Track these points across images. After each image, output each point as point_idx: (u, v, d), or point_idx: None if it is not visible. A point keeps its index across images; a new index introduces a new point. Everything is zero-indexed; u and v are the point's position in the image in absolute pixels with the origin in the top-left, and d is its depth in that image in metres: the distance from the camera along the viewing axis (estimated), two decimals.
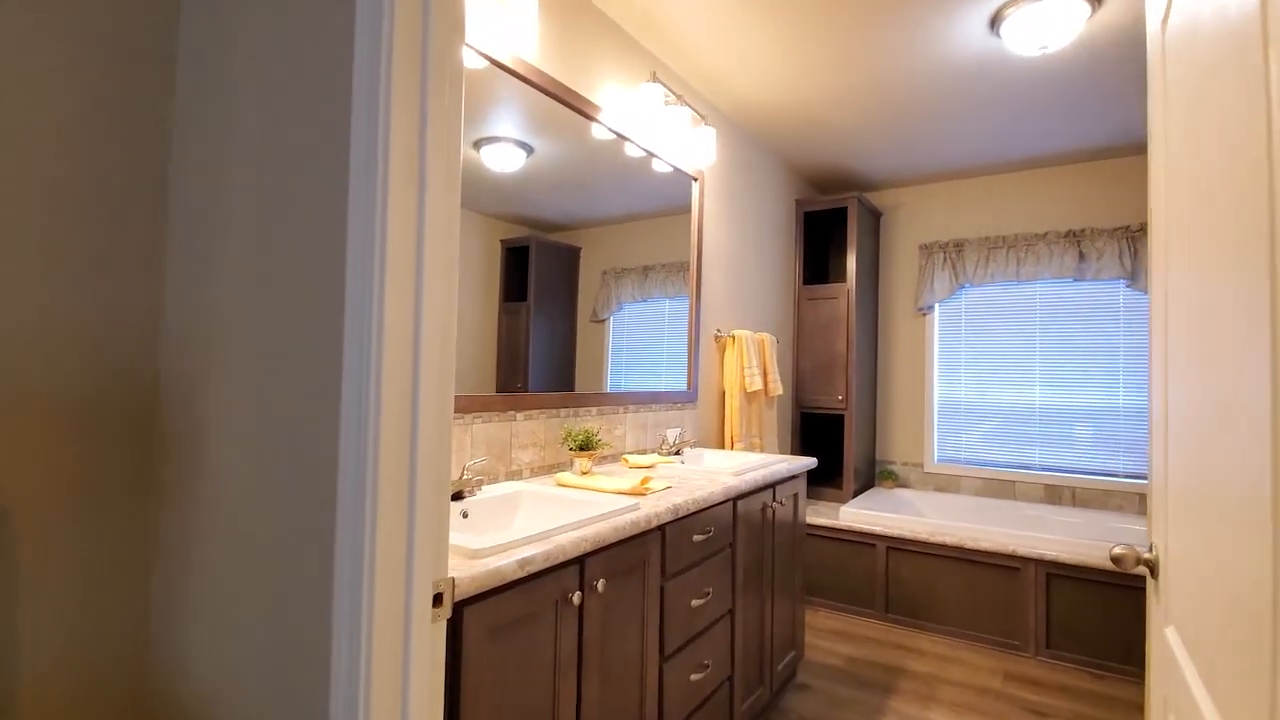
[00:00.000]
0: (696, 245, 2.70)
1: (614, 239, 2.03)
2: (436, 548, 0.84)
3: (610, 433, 2.22)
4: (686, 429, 2.66)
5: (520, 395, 1.83)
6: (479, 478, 1.49)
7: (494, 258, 1.61)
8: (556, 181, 1.91)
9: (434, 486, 0.83)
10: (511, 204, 1.66)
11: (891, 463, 3.95)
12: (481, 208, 1.63)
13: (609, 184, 2.17)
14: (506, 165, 1.74)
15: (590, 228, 1.91)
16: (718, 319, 2.94)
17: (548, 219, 1.79)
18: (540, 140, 1.87)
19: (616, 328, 2.11)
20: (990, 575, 2.79)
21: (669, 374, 2.55)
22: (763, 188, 3.35)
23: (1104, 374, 3.39)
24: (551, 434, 1.96)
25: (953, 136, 3.18)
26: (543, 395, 1.91)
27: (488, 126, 1.71)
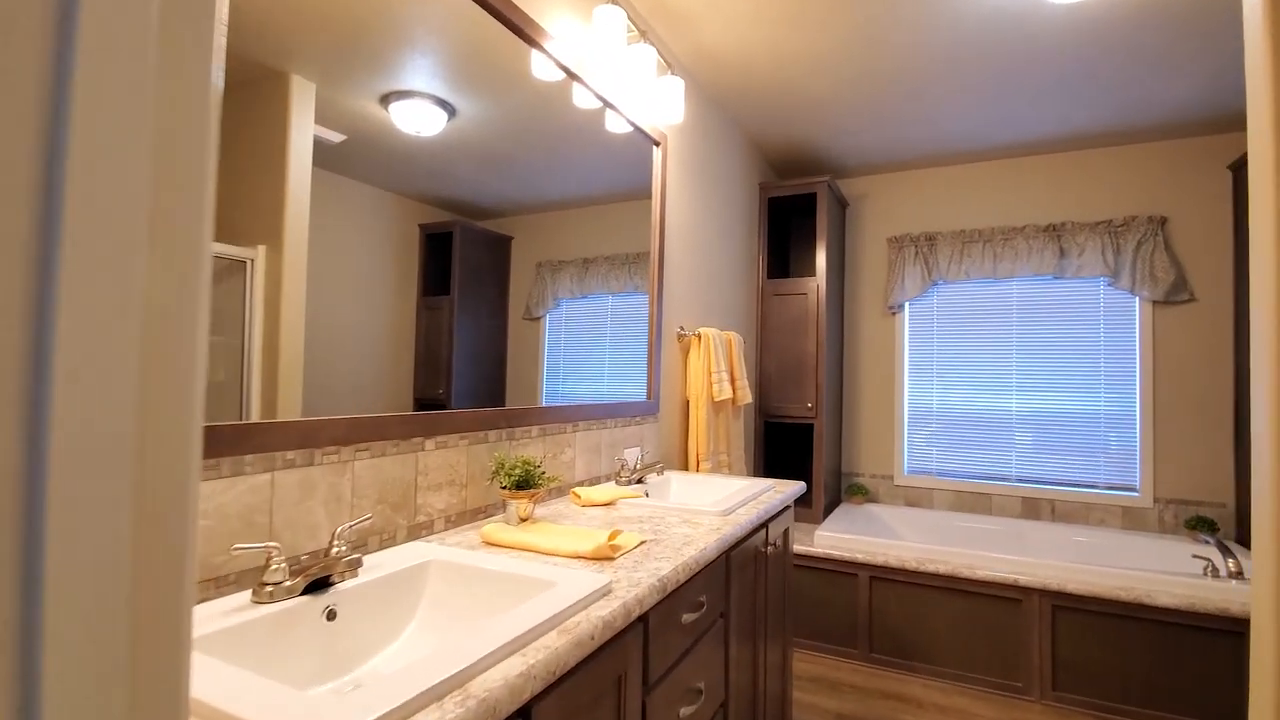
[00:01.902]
0: (659, 223, 2.22)
1: (550, 228, 1.66)
2: None
3: (556, 459, 1.70)
4: (648, 448, 2.18)
5: (433, 416, 1.29)
6: (353, 554, 0.94)
7: (411, 244, 1.25)
8: (485, 152, 1.45)
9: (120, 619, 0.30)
10: (432, 182, 1.30)
11: (859, 475, 3.62)
12: (396, 184, 1.23)
13: (548, 154, 1.68)
14: (423, 127, 1.29)
15: (523, 214, 1.57)
16: (680, 315, 2.47)
17: (475, 203, 1.41)
18: (465, 97, 1.40)
19: (553, 327, 1.71)
20: (988, 608, 2.45)
21: (612, 380, 2.05)
22: (726, 165, 2.91)
23: (1085, 378, 3.16)
24: (477, 466, 1.42)
25: (932, 117, 2.85)
26: (465, 414, 1.38)
27: (398, 74, 1.23)
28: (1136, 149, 3.07)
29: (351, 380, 1.14)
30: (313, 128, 1.03)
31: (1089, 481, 3.14)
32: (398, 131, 1.23)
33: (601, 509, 1.57)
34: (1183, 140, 3.00)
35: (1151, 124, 2.85)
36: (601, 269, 1.98)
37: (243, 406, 0.96)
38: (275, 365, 1.00)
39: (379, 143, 1.18)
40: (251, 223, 0.95)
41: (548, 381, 1.70)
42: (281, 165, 0.99)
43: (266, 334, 0.98)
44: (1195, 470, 2.94)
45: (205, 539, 0.90)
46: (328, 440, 1.07)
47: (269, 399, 0.99)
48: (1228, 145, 2.92)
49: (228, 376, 0.94)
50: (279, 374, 1.00)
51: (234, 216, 0.93)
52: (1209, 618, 2.12)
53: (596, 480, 1.88)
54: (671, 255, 2.38)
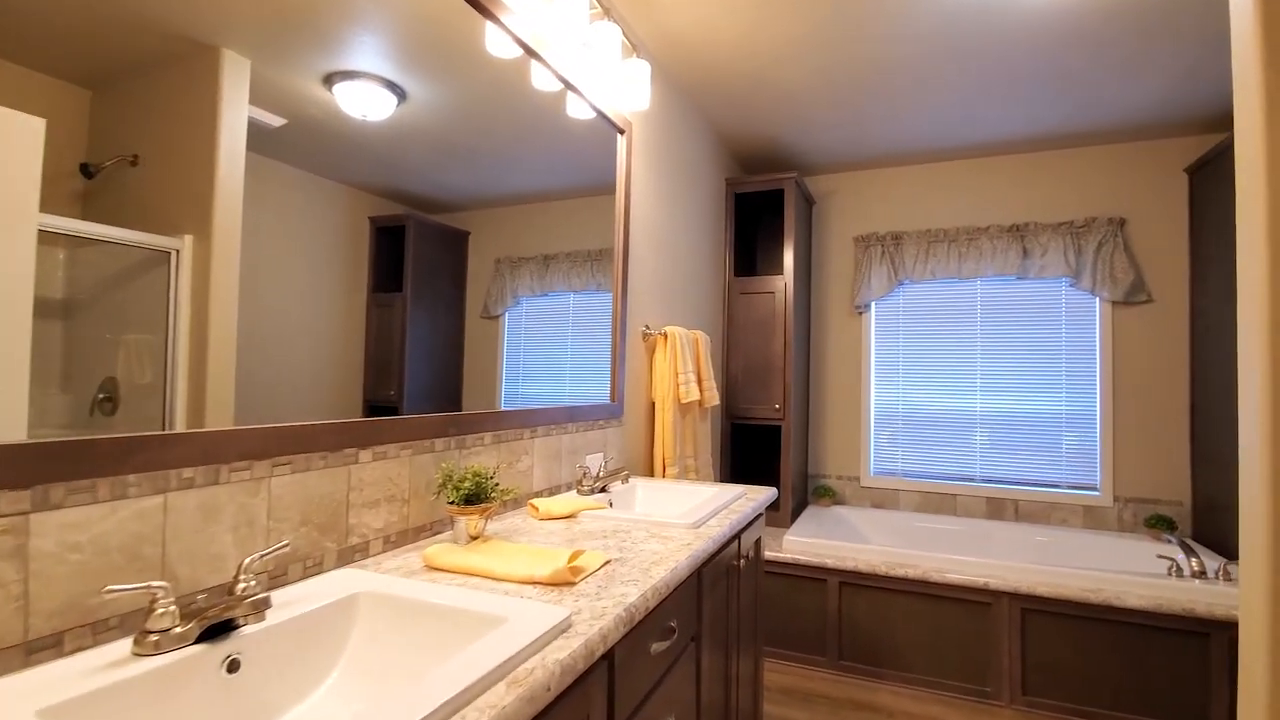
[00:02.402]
0: (623, 215, 2.10)
1: (509, 222, 1.58)
2: None
3: (511, 468, 1.56)
4: (611, 453, 2.05)
5: (370, 424, 1.15)
6: (263, 591, 0.79)
7: (361, 238, 1.16)
8: (439, 140, 1.34)
9: None
10: (383, 172, 1.20)
11: (826, 477, 3.57)
12: (344, 174, 1.13)
13: (506, 142, 1.55)
14: (370, 111, 1.18)
15: (482, 209, 1.47)
16: (646, 312, 2.36)
17: (430, 195, 1.31)
18: (416, 79, 1.28)
19: (512, 326, 1.60)
20: (958, 612, 2.41)
21: (574, 381, 1.94)
22: (693, 158, 2.81)
23: (1047, 378, 3.17)
24: (421, 479, 1.27)
25: (901, 114, 2.81)
26: (407, 421, 1.23)
27: (342, 51, 1.12)
28: (1098, 150, 3.10)
29: (295, 383, 1.03)
30: (247, 108, 0.94)
31: (1051, 481, 3.15)
32: (343, 115, 1.11)
33: (562, 522, 1.44)
34: (1142, 143, 3.03)
35: (1114, 125, 2.87)
36: (563, 266, 1.88)
37: (166, 414, 0.85)
38: (204, 367, 0.89)
39: (324, 128, 1.07)
40: (177, 211, 0.86)
41: (507, 382, 1.59)
42: (211, 148, 0.90)
43: (194, 332, 0.88)
44: (1153, 469, 2.97)
45: (78, 576, 0.74)
46: (237, 454, 0.92)
47: (196, 405, 0.88)
48: (1185, 148, 2.97)
49: (154, 379, 0.84)
50: (207, 377, 0.90)
51: (158, 203, 0.84)
52: (1175, 618, 2.11)
53: (557, 489, 1.75)
54: (636, 250, 2.26)
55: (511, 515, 1.51)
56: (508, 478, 1.54)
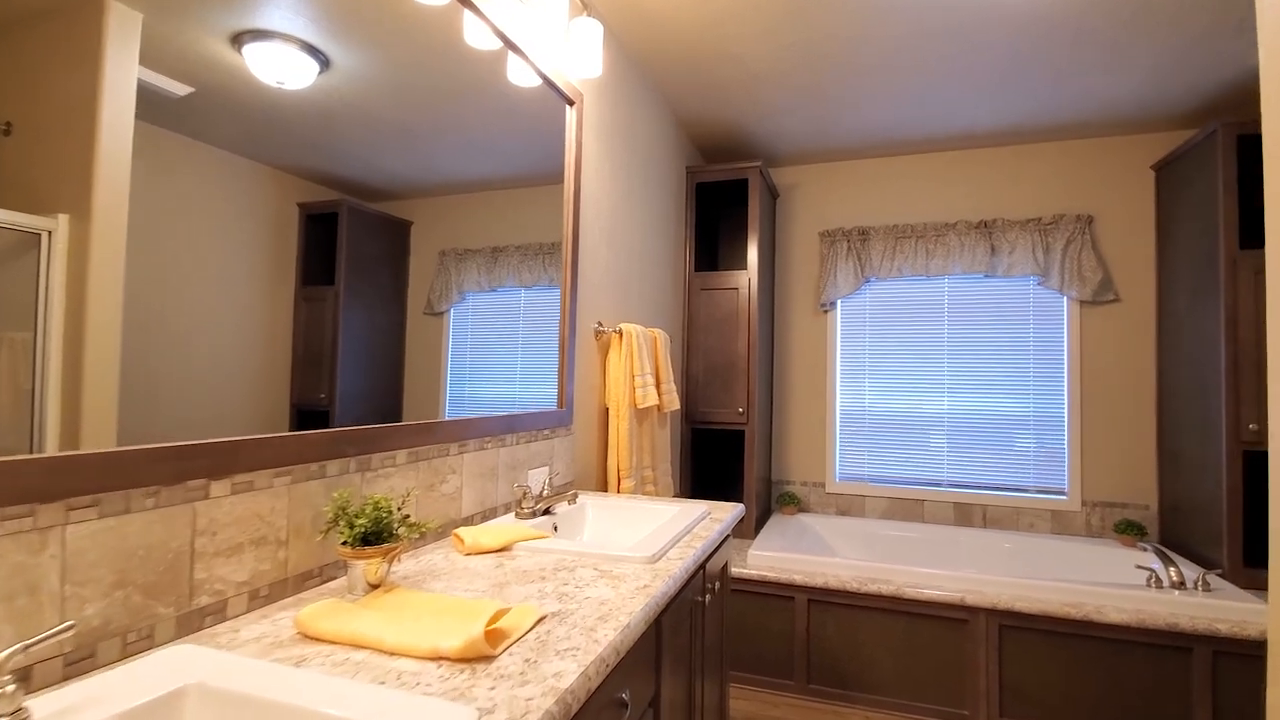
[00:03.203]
0: (572, 198, 1.86)
1: (455, 212, 1.44)
2: None
3: (433, 491, 1.30)
4: (559, 467, 1.81)
5: (228, 447, 0.88)
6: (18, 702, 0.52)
7: (288, 225, 1.04)
8: (370, 116, 1.18)
9: None
10: (314, 154, 1.07)
11: (790, 483, 3.40)
12: (267, 154, 0.99)
13: (445, 118, 1.37)
14: (287, 77, 1.02)
15: (424, 197, 1.34)
16: (598, 308, 2.12)
17: (368, 181, 1.19)
18: (339, 44, 1.12)
19: (458, 323, 1.45)
20: (932, 629, 2.26)
21: (524, 383, 1.74)
22: (650, 142, 2.59)
23: (1015, 380, 3.08)
24: (307, 513, 1.01)
25: (868, 101, 2.66)
26: (282, 440, 0.97)
27: (253, 7, 0.96)
28: (1066, 145, 3.02)
29: (209, 388, 0.89)
30: (137, 70, 0.80)
31: (1018, 485, 3.06)
32: (257, 83, 0.96)
33: (492, 558, 1.19)
34: (1110, 138, 2.96)
35: (1084, 119, 2.78)
36: (513, 259, 1.70)
37: (34, 427, 0.70)
38: (79, 370, 0.74)
39: (238, 99, 0.93)
40: (52, 187, 0.74)
41: (451, 384, 1.43)
42: (91, 114, 0.77)
43: (69, 329, 0.74)
44: (1120, 472, 2.91)
45: None
46: (7, 496, 0.65)
47: (70, 417, 0.73)
48: (1152, 145, 2.91)
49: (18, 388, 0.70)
50: (84, 382, 0.75)
51: (32, 179, 0.72)
52: (1157, 633, 2.00)
53: (492, 513, 1.50)
54: (588, 238, 2.02)
55: (432, 548, 1.25)
56: (428, 503, 1.29)
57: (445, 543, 1.29)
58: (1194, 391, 2.55)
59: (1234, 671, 1.95)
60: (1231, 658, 1.95)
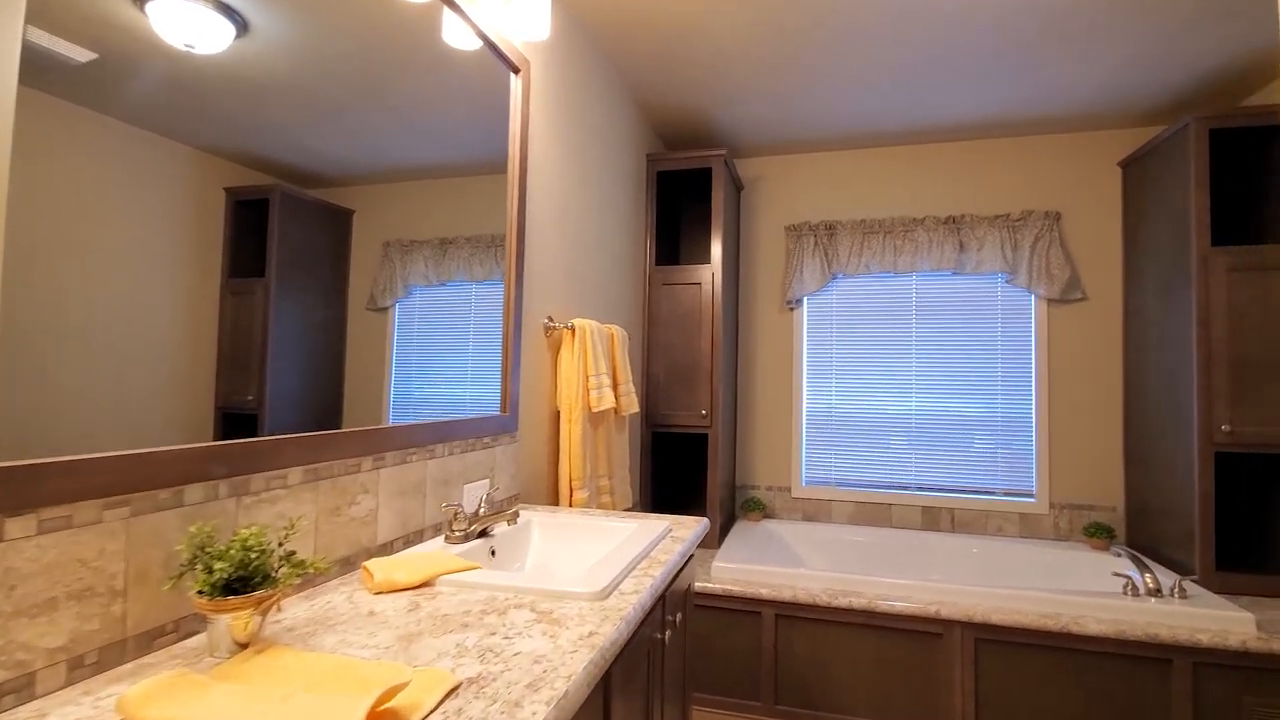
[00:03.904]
0: (517, 175, 1.66)
1: (400, 201, 1.34)
2: None
3: (339, 516, 1.09)
4: (503, 479, 1.61)
5: (26, 472, 0.66)
6: None
7: (212, 212, 0.93)
8: (298, 88, 1.06)
9: None
10: (240, 132, 0.96)
11: (755, 488, 3.26)
12: (188, 133, 0.88)
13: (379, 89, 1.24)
14: (198, 41, 0.89)
15: (367, 184, 1.24)
16: (548, 302, 1.92)
17: (306, 166, 1.09)
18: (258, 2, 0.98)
19: (403, 320, 1.35)
20: (905, 644, 2.13)
21: (477, 384, 1.59)
22: (608, 123, 2.40)
23: (983, 380, 3.00)
24: (156, 553, 0.79)
25: (837, 88, 2.52)
26: (116, 460, 0.75)
27: None
28: (1034, 140, 2.95)
29: (118, 391, 0.78)
30: (21, 29, 0.69)
31: (987, 488, 2.98)
32: (165, 48, 0.84)
33: (408, 597, 0.98)
34: (1077, 134, 2.90)
35: (1052, 113, 2.71)
36: (463, 252, 1.57)
37: None
38: None
39: (149, 68, 0.82)
40: None
41: (396, 386, 1.31)
42: None
43: None
44: (1087, 474, 2.85)
45: None
46: None
47: None
48: (1119, 141, 2.86)
49: None
50: None
51: None
52: (1137, 645, 1.91)
53: (418, 537, 1.29)
54: (537, 222, 1.82)
55: (337, 584, 1.04)
56: (331, 531, 1.07)
57: (352, 578, 1.08)
58: (1162, 391, 2.50)
59: (1214, 683, 1.87)
60: (1212, 669, 1.87)
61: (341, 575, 1.09)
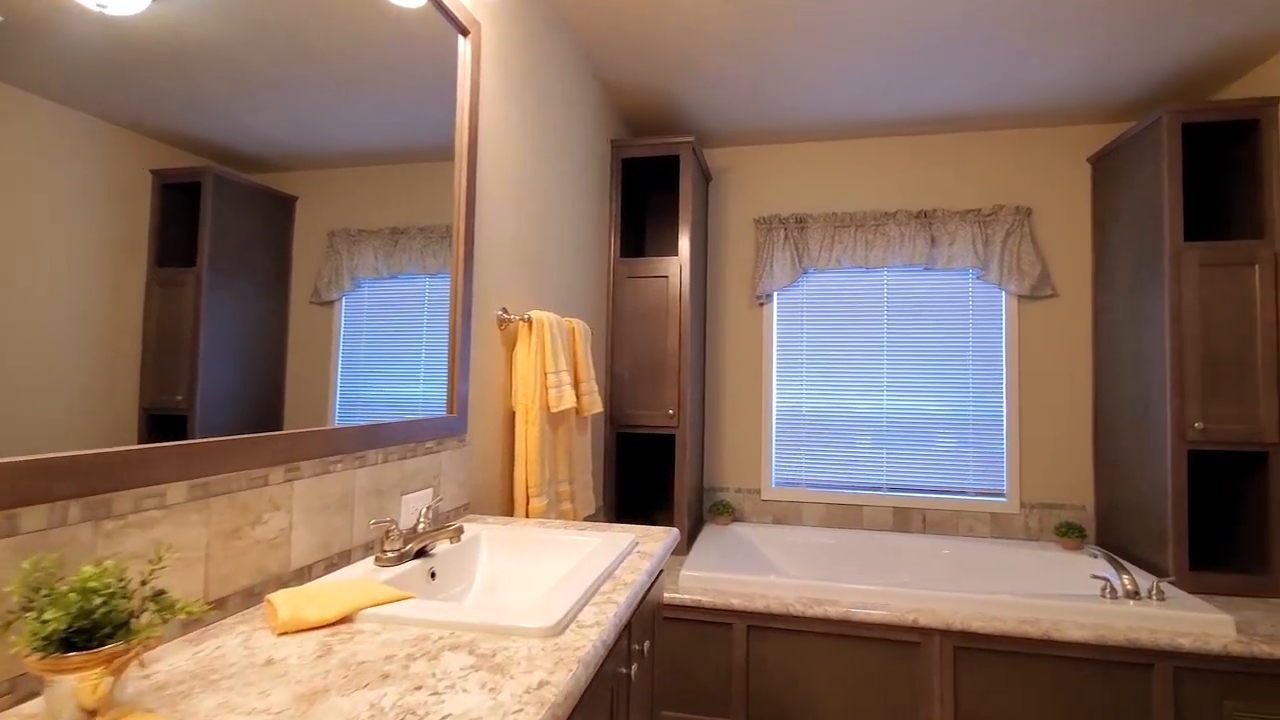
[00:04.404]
0: (467, 151, 1.49)
1: (348, 187, 1.25)
2: None
3: (240, 539, 0.91)
4: (450, 488, 1.43)
5: None
6: None
7: (138, 196, 0.83)
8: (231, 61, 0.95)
9: None
10: (167, 108, 0.85)
11: (723, 490, 3.14)
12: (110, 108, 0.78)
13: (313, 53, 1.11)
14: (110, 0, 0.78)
15: (312, 169, 1.15)
16: (503, 292, 1.75)
17: (242, 148, 0.99)
18: None
19: (351, 314, 1.26)
20: (882, 655, 2.03)
21: (430, 383, 1.45)
22: (570, 104, 2.24)
23: (954, 378, 2.94)
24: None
25: (815, 71, 2.42)
26: None
27: None
28: (1005, 135, 2.91)
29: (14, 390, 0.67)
30: None
31: (958, 488, 2.92)
32: (79, 9, 0.74)
33: (318, 638, 0.81)
34: (1047, 129, 2.87)
35: (1024, 106, 2.66)
36: (416, 243, 1.45)
37: None
38: None
39: (62, 33, 0.73)
40: None
41: (343, 385, 1.21)
42: None
43: None
44: (1057, 473, 2.82)
45: None
46: None
47: None
48: (1088, 137, 2.83)
49: None
50: None
51: None
52: (1118, 650, 1.85)
53: (345, 559, 1.11)
54: (490, 204, 1.65)
55: (231, 625, 0.86)
56: (229, 558, 0.89)
57: (252, 614, 0.90)
58: (1133, 389, 2.47)
59: (1195, 687, 1.82)
60: (1193, 673, 1.82)
61: (243, 610, 0.91)
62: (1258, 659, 1.77)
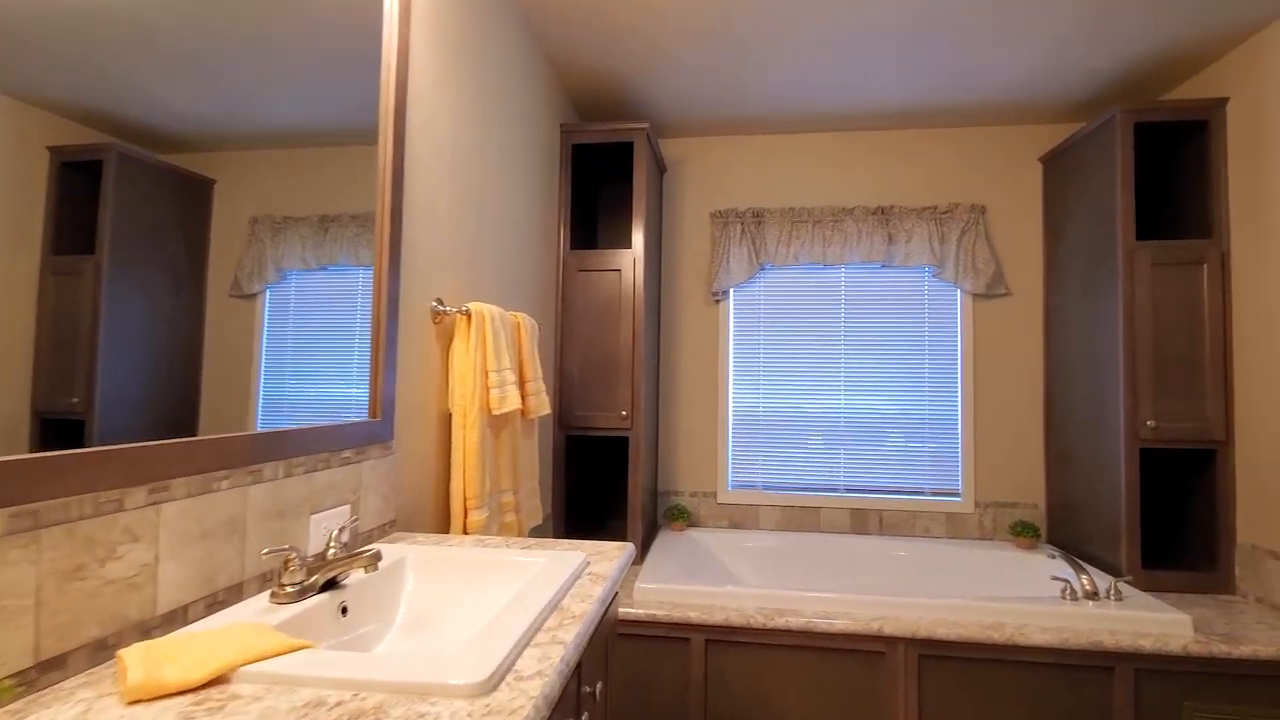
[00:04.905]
0: (393, 111, 1.31)
1: (273, 170, 1.12)
2: None
3: (85, 578, 0.71)
4: (372, 502, 1.25)
5: None
6: None
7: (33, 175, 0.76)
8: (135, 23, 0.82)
9: None
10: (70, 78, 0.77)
11: (678, 494, 3.02)
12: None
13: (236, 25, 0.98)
14: None
15: (233, 149, 1.01)
16: (438, 280, 1.57)
17: (155, 124, 0.87)
18: None
19: (276, 309, 1.13)
20: (845, 666, 1.94)
21: (365, 384, 1.30)
22: (512, 76, 2.07)
23: (910, 376, 2.90)
24: None
25: (777, 58, 2.32)
26: None
27: None
28: (960, 132, 2.89)
29: None
30: None
31: (915, 488, 2.89)
32: None
33: (179, 709, 0.63)
34: (1000, 128, 2.87)
35: (977, 104, 2.63)
36: (348, 231, 1.31)
37: None
38: None
39: None
40: None
41: (267, 386, 1.08)
42: None
43: None
44: (1010, 471, 2.82)
45: None
46: None
47: None
48: (1040, 137, 2.85)
49: None
50: None
51: None
52: (1080, 653, 1.81)
53: (237, 594, 0.92)
54: (422, 179, 1.47)
55: (71, 690, 0.66)
56: (72, 604, 0.69)
57: (99, 674, 0.70)
58: (1085, 388, 2.47)
59: (1155, 689, 1.80)
60: (1153, 675, 1.80)
61: (91, 669, 0.71)
62: (1216, 659, 1.76)
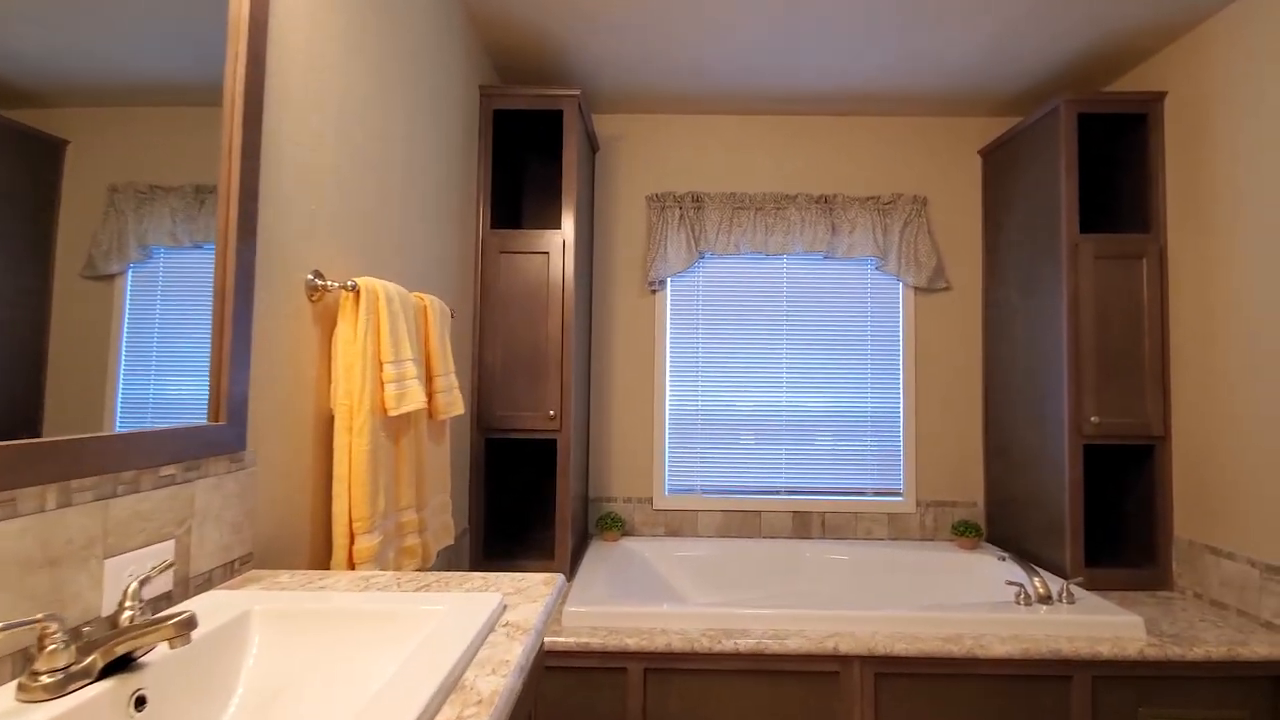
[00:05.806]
0: (247, 23, 0.99)
1: (138, 130, 0.89)
2: None
3: None
4: (207, 535, 0.93)
5: None
6: None
7: None
8: None
9: None
10: None
11: (611, 500, 2.78)
12: None
13: None
14: None
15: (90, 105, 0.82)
16: (315, 250, 1.26)
17: None
18: None
19: (140, 292, 0.90)
20: (798, 689, 1.77)
21: None
22: (423, 24, 1.76)
23: (853, 373, 2.79)
24: None
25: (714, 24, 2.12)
26: None
27: None
28: (902, 122, 2.80)
29: None
30: None
31: (857, 488, 2.78)
32: None
33: None
34: (942, 119, 2.80)
35: (919, 93, 2.55)
36: None
37: None
38: None
39: None
40: None
41: (127, 378, 0.87)
42: None
43: None
44: (950, 470, 2.76)
45: None
46: None
47: None
48: (979, 129, 2.80)
49: None
50: None
51: None
52: (1040, 663, 1.71)
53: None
54: (298, 125, 1.15)
55: None
56: None
57: None
58: (1026, 383, 2.43)
59: (1112, 696, 1.72)
60: (1109, 681, 1.72)
61: None
62: (1170, 662, 1.70)
